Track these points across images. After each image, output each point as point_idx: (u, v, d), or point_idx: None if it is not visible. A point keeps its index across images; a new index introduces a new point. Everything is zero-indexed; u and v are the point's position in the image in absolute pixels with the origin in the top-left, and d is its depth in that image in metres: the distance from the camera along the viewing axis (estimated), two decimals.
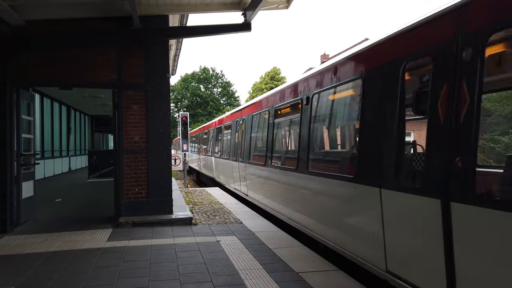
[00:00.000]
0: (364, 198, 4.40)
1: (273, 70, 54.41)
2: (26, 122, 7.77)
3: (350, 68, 4.96)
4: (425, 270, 3.34)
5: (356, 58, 4.86)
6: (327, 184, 5.42)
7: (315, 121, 6.09)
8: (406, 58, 3.74)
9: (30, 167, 7.90)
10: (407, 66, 3.76)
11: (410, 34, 3.76)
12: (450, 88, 3.11)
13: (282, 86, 8.08)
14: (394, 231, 3.81)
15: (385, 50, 4.22)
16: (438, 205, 3.14)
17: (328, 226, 5.44)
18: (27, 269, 4.94)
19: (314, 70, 6.34)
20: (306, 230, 6.11)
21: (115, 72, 7.64)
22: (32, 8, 6.87)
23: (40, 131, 15.53)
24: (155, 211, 7.68)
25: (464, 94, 2.96)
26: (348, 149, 5.71)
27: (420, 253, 3.43)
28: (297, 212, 6.63)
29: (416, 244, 3.50)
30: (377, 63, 4.30)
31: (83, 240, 6.38)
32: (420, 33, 3.60)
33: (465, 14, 3.05)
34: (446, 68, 3.19)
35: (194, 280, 4.49)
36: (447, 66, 3.17)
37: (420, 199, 3.38)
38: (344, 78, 5.11)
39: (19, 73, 7.27)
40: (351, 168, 4.96)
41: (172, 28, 8.60)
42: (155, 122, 7.76)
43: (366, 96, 4.47)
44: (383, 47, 4.26)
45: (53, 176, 16.99)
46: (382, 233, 3.95)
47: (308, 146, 6.12)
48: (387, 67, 4.06)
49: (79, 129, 23.42)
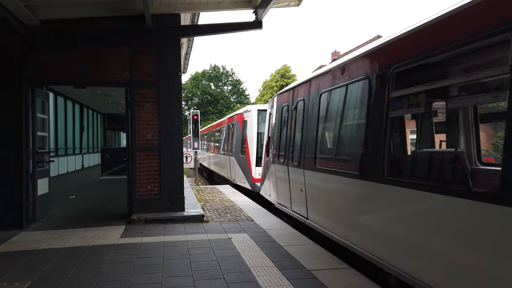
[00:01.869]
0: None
1: (284, 68, 54.35)
2: (41, 120, 7.91)
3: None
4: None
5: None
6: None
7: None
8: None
9: (45, 164, 8.04)
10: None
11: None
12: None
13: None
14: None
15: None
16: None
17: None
18: (43, 264, 5.04)
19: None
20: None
21: (127, 71, 7.73)
22: (47, 8, 6.98)
23: (54, 129, 15.78)
24: (167, 208, 7.76)
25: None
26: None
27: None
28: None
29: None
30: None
31: (97, 236, 6.48)
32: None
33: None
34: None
35: (206, 276, 4.54)
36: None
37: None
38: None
39: (34, 72, 7.40)
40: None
41: (184, 27, 8.65)
42: (167, 120, 7.82)
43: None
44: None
45: (67, 173, 17.25)
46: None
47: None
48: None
49: (92, 127, 23.72)
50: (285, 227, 7.14)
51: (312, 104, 6.54)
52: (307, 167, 6.45)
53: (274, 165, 8.54)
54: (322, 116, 6.16)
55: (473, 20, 3.15)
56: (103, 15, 7.46)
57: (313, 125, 6.41)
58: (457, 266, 3.15)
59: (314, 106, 6.43)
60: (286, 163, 7.62)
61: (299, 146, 6.94)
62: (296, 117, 7.36)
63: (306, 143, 6.65)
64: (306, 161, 6.55)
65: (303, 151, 6.74)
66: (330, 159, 5.87)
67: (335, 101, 5.85)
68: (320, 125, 6.19)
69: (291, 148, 7.47)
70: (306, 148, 6.61)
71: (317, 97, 6.27)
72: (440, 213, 3.34)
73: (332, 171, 5.54)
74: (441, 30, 3.49)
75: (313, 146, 6.31)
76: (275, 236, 6.42)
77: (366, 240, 4.53)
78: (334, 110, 5.87)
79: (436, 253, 3.34)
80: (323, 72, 6.25)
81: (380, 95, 4.33)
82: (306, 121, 6.73)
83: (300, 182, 6.76)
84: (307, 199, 6.48)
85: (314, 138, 6.31)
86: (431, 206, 3.45)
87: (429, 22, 3.66)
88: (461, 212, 3.11)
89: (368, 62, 4.76)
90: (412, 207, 3.76)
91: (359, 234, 4.69)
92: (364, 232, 4.57)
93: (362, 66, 4.88)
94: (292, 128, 7.54)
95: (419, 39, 3.79)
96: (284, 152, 7.87)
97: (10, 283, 4.35)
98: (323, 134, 6.18)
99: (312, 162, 6.21)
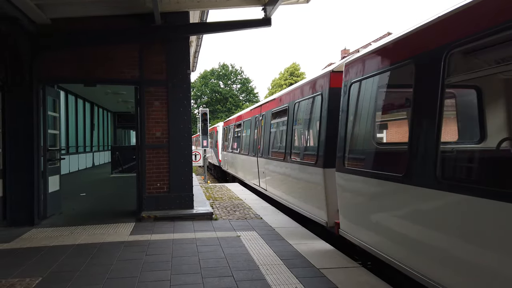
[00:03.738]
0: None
1: (293, 66, 54.18)
2: (52, 118, 7.99)
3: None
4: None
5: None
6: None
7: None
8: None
9: (56, 162, 8.13)
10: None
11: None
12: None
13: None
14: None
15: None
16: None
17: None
18: (54, 261, 5.09)
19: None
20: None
21: (137, 69, 7.76)
22: (57, 7, 7.05)
23: (65, 127, 15.94)
24: (176, 206, 7.79)
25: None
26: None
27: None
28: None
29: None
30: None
31: (107, 233, 6.52)
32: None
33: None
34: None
35: (215, 274, 4.53)
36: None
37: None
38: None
39: (45, 70, 7.47)
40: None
41: (193, 25, 8.65)
42: (176, 118, 7.84)
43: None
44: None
45: (77, 171, 17.43)
46: None
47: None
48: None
49: (102, 125, 23.91)
50: (294, 225, 7.11)
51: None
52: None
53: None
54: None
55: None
56: (112, 14, 7.50)
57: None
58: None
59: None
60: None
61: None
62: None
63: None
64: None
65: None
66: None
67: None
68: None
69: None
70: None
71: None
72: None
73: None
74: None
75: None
76: (284, 234, 6.40)
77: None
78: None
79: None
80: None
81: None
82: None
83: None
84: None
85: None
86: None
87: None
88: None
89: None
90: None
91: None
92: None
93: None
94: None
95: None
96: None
97: (22, 279, 4.39)
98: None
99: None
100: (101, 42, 7.76)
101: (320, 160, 6.45)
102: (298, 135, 8.20)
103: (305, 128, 7.87)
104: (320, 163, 6.40)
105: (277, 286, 4.13)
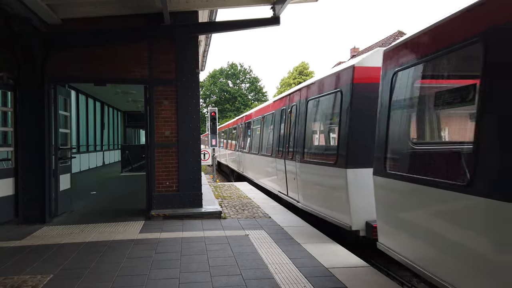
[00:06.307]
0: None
1: (302, 65, 54.03)
2: (63, 117, 8.09)
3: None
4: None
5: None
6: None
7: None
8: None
9: (67, 160, 8.23)
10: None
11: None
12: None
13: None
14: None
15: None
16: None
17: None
18: (65, 258, 5.15)
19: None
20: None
21: (146, 68, 7.81)
22: (68, 7, 7.12)
23: (76, 126, 16.11)
24: (185, 205, 7.82)
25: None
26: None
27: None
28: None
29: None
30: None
31: (117, 231, 6.58)
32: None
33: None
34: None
35: (223, 272, 4.54)
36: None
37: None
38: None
39: (56, 70, 7.56)
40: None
41: (202, 24, 8.68)
42: (185, 117, 7.87)
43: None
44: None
45: (88, 169, 17.60)
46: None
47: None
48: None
49: (113, 124, 24.12)
50: (303, 225, 7.09)
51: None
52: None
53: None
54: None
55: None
56: (122, 13, 7.57)
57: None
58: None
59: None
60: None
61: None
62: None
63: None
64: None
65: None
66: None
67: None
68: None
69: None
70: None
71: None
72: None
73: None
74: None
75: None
76: (293, 233, 6.39)
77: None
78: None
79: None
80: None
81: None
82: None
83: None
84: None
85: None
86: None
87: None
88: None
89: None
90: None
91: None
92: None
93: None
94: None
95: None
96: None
97: (33, 276, 4.46)
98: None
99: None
100: (111, 42, 7.82)
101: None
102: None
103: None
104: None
105: (285, 285, 4.13)
